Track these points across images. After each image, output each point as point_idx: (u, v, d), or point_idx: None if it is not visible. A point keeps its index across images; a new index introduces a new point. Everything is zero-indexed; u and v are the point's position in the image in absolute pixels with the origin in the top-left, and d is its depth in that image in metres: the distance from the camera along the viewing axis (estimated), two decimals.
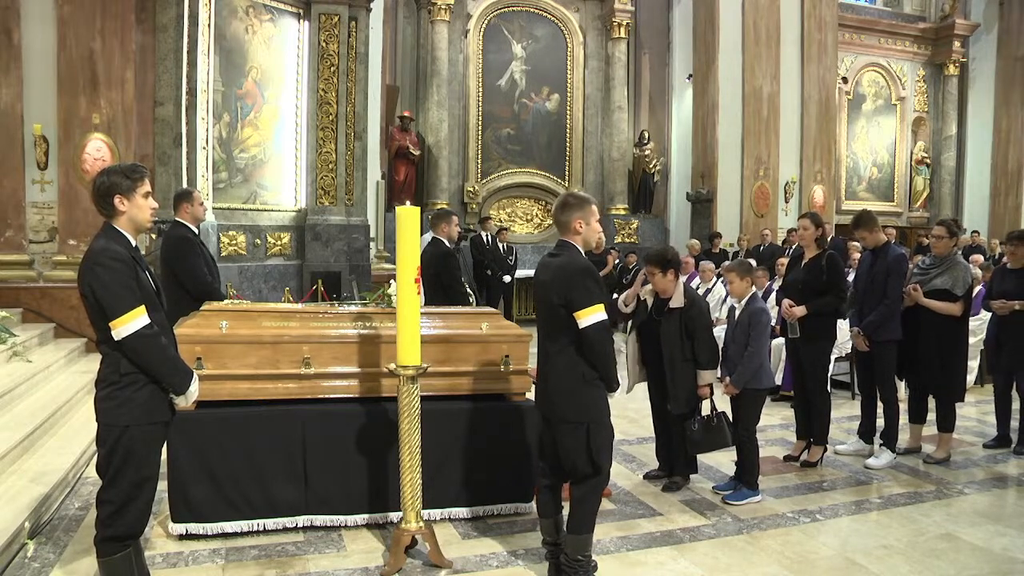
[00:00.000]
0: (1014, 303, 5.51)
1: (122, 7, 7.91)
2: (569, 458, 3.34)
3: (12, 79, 7.64)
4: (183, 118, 8.55)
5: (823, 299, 5.05)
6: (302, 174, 10.54)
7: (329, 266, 10.21)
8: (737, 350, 4.61)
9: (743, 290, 4.70)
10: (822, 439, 5.22)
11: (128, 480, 2.76)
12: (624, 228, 14.01)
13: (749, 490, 4.54)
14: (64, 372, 6.57)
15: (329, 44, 10.31)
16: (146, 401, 2.77)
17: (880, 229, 5.34)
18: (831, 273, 5.08)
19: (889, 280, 5.19)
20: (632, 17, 14.07)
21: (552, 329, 3.36)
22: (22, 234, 7.82)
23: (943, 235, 5.39)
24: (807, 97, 13.81)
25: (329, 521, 3.94)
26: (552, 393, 3.35)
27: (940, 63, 16.21)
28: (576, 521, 3.35)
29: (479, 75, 13.54)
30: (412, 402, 3.50)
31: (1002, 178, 15.62)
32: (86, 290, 2.72)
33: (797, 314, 5.08)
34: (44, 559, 3.56)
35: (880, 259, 5.28)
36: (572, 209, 3.37)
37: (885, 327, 5.22)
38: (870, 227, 5.29)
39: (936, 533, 4.07)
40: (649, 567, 3.66)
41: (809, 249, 5.24)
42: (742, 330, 4.62)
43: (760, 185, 13.50)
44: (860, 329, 5.31)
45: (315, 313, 4.09)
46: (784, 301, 5.24)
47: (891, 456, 5.29)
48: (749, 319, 4.60)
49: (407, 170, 12.53)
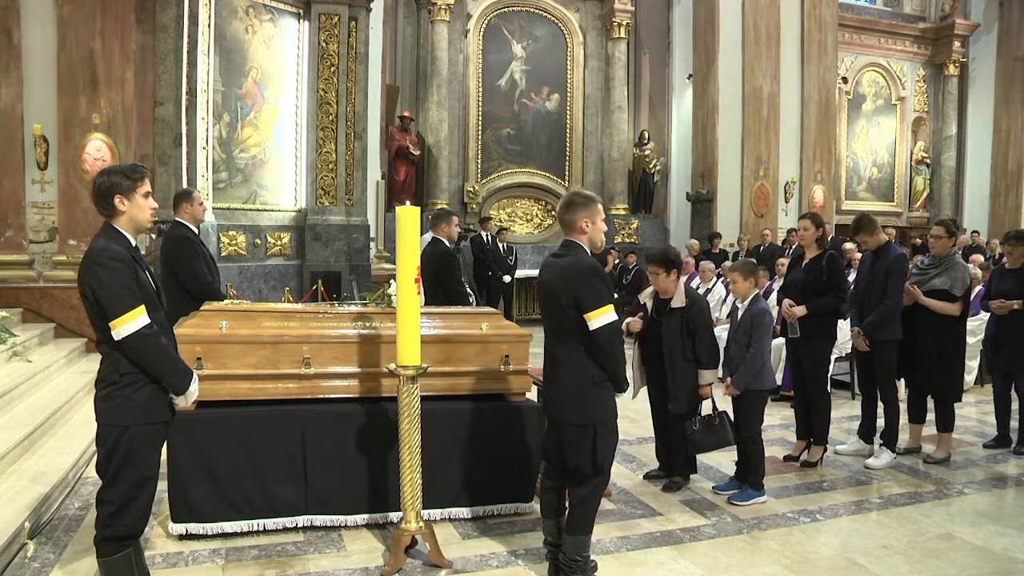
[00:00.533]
0: (1012, 303, 5.50)
1: (122, 7, 7.91)
2: (574, 459, 3.33)
3: (12, 79, 7.64)
4: (183, 118, 8.55)
5: (823, 299, 5.05)
6: (302, 174, 10.55)
7: (329, 266, 10.22)
8: (739, 351, 4.60)
9: (746, 290, 4.70)
10: (822, 439, 5.23)
11: (128, 480, 2.76)
12: (624, 228, 14.02)
13: (755, 491, 4.53)
14: (64, 372, 6.57)
15: (329, 44, 10.32)
16: (146, 401, 2.78)
17: (880, 231, 5.33)
18: (831, 273, 5.08)
19: (889, 280, 5.18)
20: (632, 17, 14.08)
21: (560, 331, 3.32)
22: (22, 234, 7.82)
23: (942, 235, 5.38)
24: (807, 97, 13.82)
25: (329, 521, 3.93)
26: (560, 395, 3.33)
27: (940, 63, 16.21)
28: (575, 522, 3.34)
29: (479, 75, 13.54)
30: (412, 402, 3.50)
31: (1002, 178, 15.62)
32: (86, 290, 2.72)
33: (797, 314, 5.09)
34: (44, 559, 3.56)
35: (881, 259, 5.28)
36: (578, 208, 3.33)
37: (885, 327, 5.21)
38: (870, 231, 5.30)
39: (936, 533, 4.07)
40: (649, 567, 3.66)
41: (809, 249, 5.25)
42: (744, 330, 4.61)
43: (760, 185, 13.51)
44: (860, 329, 5.30)
45: (315, 313, 4.09)
46: (784, 301, 5.25)
47: (891, 456, 5.29)
48: (752, 320, 4.59)
49: (407, 170, 12.54)
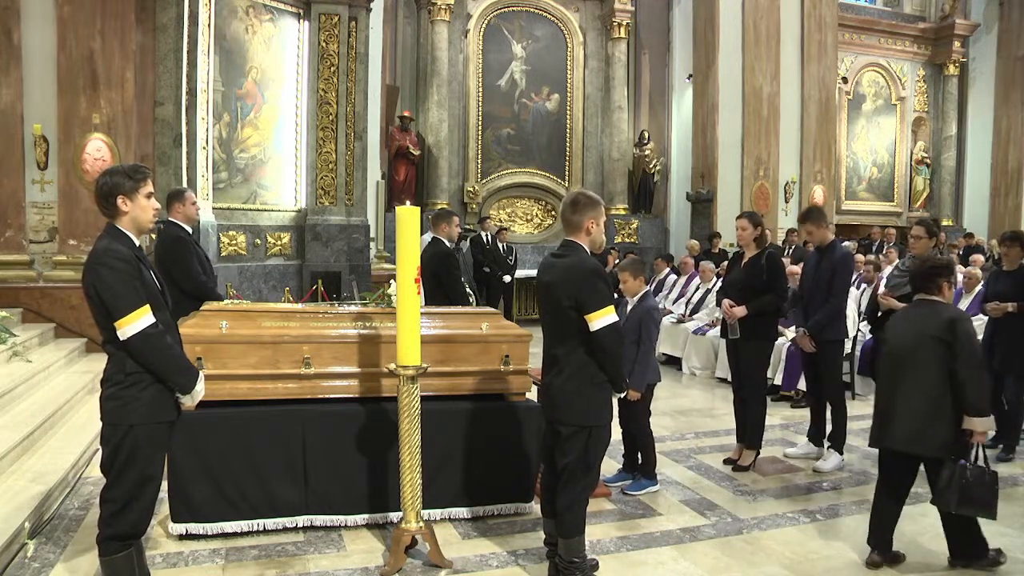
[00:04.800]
0: (1007, 305, 5.33)
1: (122, 7, 7.90)
2: (565, 457, 3.33)
3: (12, 79, 7.63)
4: (183, 118, 8.54)
5: (764, 299, 4.97)
6: (302, 174, 10.55)
7: (329, 266, 10.22)
8: (628, 347, 4.36)
9: (636, 288, 4.68)
10: (755, 443, 5.14)
11: (131, 480, 2.77)
12: (624, 228, 14.01)
13: (647, 480, 4.67)
14: (64, 372, 6.57)
15: (329, 44, 10.32)
16: (151, 401, 2.78)
17: (827, 226, 5.18)
18: (771, 272, 4.99)
19: (834, 279, 5.05)
20: (632, 17, 14.07)
21: (561, 331, 3.32)
22: (22, 234, 7.80)
23: (922, 235, 5.19)
24: (807, 97, 13.81)
25: (329, 521, 3.94)
26: (558, 395, 3.33)
27: (940, 63, 16.20)
28: (567, 525, 3.33)
29: (479, 75, 13.54)
30: (412, 402, 3.50)
31: (1002, 178, 15.61)
32: (90, 290, 2.73)
33: (738, 314, 5.00)
34: (44, 559, 3.56)
35: (826, 258, 5.14)
36: (585, 209, 3.32)
37: (831, 327, 5.10)
38: (818, 222, 5.14)
39: (936, 533, 4.06)
40: (649, 567, 3.67)
41: (749, 249, 5.15)
42: (633, 327, 4.53)
43: (760, 185, 13.50)
44: (806, 330, 5.17)
45: (315, 313, 4.09)
46: (724, 301, 5.15)
47: (839, 459, 5.17)
48: (641, 317, 4.57)
49: (407, 170, 12.54)
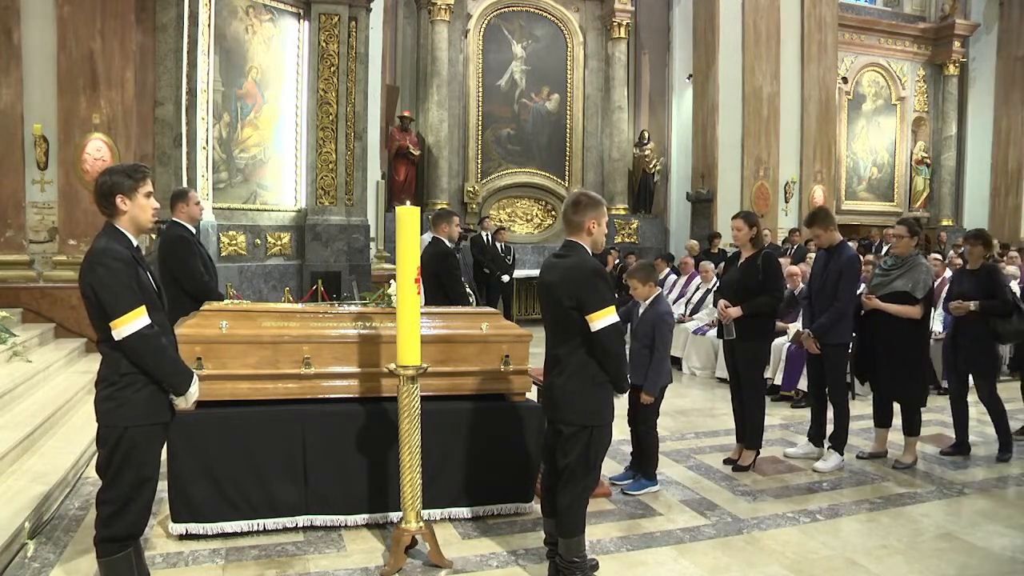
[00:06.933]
0: (969, 304, 5.23)
1: (122, 7, 7.90)
2: (566, 457, 3.33)
3: (12, 79, 7.62)
4: (183, 118, 8.55)
5: (759, 299, 4.94)
6: (302, 174, 10.55)
7: (329, 266, 10.23)
8: (641, 349, 4.60)
9: (647, 293, 4.68)
10: (754, 443, 5.12)
11: (127, 481, 2.76)
12: (624, 228, 14.01)
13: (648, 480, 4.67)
14: (64, 372, 6.56)
15: (329, 44, 10.32)
16: (146, 402, 2.78)
17: (835, 228, 5.16)
18: (767, 273, 4.97)
19: (841, 282, 5.02)
20: (632, 17, 14.07)
21: (562, 331, 3.32)
22: (22, 234, 7.80)
23: (903, 235, 5.16)
24: (807, 97, 13.81)
25: (329, 521, 3.93)
26: (560, 395, 3.33)
27: (940, 63, 16.20)
28: (567, 525, 3.33)
29: (479, 75, 13.54)
30: (412, 402, 3.50)
31: (1002, 178, 15.60)
32: (87, 289, 2.72)
33: (733, 315, 4.98)
34: (44, 559, 3.56)
35: (833, 259, 5.10)
36: (587, 209, 3.31)
37: (836, 330, 5.07)
38: (825, 225, 5.12)
39: (936, 533, 4.07)
40: (649, 567, 3.66)
41: (744, 249, 5.12)
42: (646, 331, 4.61)
43: (760, 185, 13.50)
44: (811, 331, 5.14)
45: (315, 313, 4.08)
46: (720, 302, 5.12)
47: (839, 459, 5.15)
48: (654, 321, 4.60)
49: (407, 170, 12.54)
